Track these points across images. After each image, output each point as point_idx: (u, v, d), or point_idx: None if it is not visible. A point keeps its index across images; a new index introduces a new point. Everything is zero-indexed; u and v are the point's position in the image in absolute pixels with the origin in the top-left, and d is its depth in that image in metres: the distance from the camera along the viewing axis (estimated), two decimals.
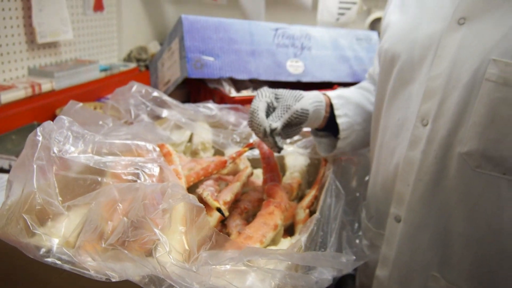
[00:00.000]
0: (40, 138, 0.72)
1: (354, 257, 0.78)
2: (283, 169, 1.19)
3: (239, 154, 1.10)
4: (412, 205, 0.87)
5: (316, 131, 1.13)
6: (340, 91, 1.12)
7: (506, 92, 0.73)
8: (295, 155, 1.22)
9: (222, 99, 1.43)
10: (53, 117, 1.60)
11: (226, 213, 0.86)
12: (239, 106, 1.25)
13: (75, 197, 0.71)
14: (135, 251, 0.61)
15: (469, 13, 0.79)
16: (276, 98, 0.98)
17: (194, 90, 1.63)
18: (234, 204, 0.97)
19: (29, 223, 0.65)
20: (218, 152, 1.22)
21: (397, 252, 0.92)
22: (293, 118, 0.95)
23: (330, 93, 1.09)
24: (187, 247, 0.56)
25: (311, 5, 2.14)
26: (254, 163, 1.18)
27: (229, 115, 1.24)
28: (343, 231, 0.99)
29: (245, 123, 1.24)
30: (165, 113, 1.10)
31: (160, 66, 1.63)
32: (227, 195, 0.94)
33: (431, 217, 0.86)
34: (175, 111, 1.13)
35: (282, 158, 1.22)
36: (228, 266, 0.56)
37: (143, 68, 2.27)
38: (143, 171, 0.77)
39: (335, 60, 1.65)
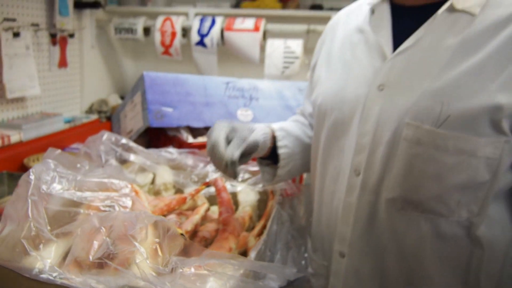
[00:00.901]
0: (32, 178, 0.87)
1: (296, 270, 0.96)
2: (236, 204, 1.35)
3: (197, 191, 1.26)
4: (353, 243, 0.98)
5: (261, 160, 1.20)
6: (281, 124, 1.20)
7: (419, 149, 0.86)
8: (246, 192, 1.39)
9: (181, 145, 1.60)
10: (21, 166, 1.74)
11: (187, 239, 1.01)
12: (196, 150, 1.42)
13: (62, 226, 0.86)
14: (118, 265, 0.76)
15: (387, 81, 0.91)
16: (233, 130, 1.02)
17: (154, 137, 1.79)
18: (194, 234, 1.13)
19: (26, 247, 0.80)
20: (179, 191, 1.38)
21: (343, 284, 1.02)
22: (248, 149, 1.02)
23: (274, 126, 1.17)
24: (160, 254, 0.72)
25: (258, 60, 2.35)
26: (210, 200, 1.34)
27: (188, 159, 1.41)
28: (289, 252, 1.16)
29: (201, 165, 1.41)
30: (132, 157, 1.26)
31: (123, 117, 1.79)
32: (188, 226, 1.10)
33: (370, 252, 0.97)
34: (140, 156, 1.29)
35: (235, 195, 1.38)
36: (193, 270, 0.72)
37: (104, 119, 2.40)
38: (118, 203, 0.92)
39: (280, 109, 1.85)
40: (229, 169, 0.98)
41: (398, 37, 0.93)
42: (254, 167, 1.43)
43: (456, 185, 0.86)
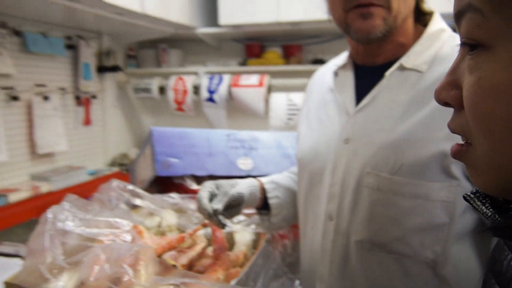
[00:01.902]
0: (50, 217, 1.08)
1: None
2: (233, 243, 1.53)
3: (195, 231, 1.44)
4: (331, 281, 1.05)
5: (260, 211, 1.28)
6: (272, 177, 1.29)
7: (379, 195, 0.93)
8: (242, 232, 1.57)
9: (186, 191, 1.79)
10: None
11: (171, 263, 1.19)
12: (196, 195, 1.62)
13: (73, 256, 1.06)
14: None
15: (351, 135, 1.00)
16: (217, 187, 1.17)
17: (163, 185, 2.00)
18: (190, 268, 1.31)
19: (43, 273, 1.00)
20: (182, 232, 1.57)
21: None
22: (231, 201, 1.13)
23: (263, 179, 1.26)
24: (143, 273, 0.91)
25: (263, 113, 2.56)
26: (211, 240, 1.52)
27: (190, 203, 1.61)
28: (275, 283, 1.33)
29: None
30: (138, 202, 1.47)
31: (137, 168, 2.01)
32: (184, 260, 1.28)
33: None
34: (146, 201, 1.50)
35: (231, 235, 1.56)
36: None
37: (125, 171, 2.63)
38: (119, 238, 1.12)
39: (279, 157, 2.04)
40: (213, 220, 1.12)
41: (361, 95, 1.02)
42: (249, 210, 1.61)
43: (416, 227, 0.92)
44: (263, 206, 1.25)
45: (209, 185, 1.18)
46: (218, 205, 1.12)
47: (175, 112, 2.72)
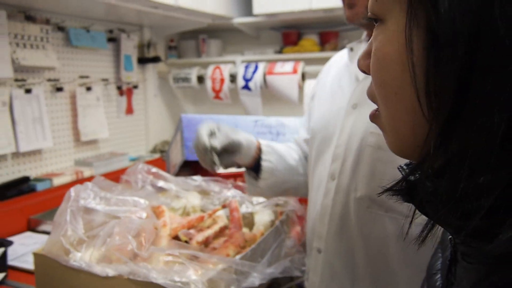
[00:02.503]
0: (73, 194, 1.20)
1: (278, 271, 1.20)
2: (252, 224, 1.61)
3: (214, 211, 1.53)
4: (328, 239, 1.11)
5: (249, 171, 1.31)
6: (271, 142, 1.34)
7: (381, 153, 1.00)
8: (261, 213, 1.64)
9: (213, 175, 1.89)
10: None
11: (184, 239, 1.28)
12: (219, 178, 1.71)
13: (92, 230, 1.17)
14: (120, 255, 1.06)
15: (359, 100, 1.08)
16: (218, 128, 1.16)
17: (193, 169, 2.10)
18: (206, 246, 1.40)
19: (64, 244, 1.11)
20: (204, 212, 1.66)
21: (320, 278, 1.15)
22: (229, 145, 1.15)
23: (262, 141, 1.30)
24: (144, 244, 1.01)
25: (297, 100, 2.61)
26: None
27: (213, 185, 1.70)
28: (285, 259, 1.39)
29: (225, 190, 1.69)
30: (161, 183, 1.57)
31: (170, 154, 2.13)
32: (199, 237, 1.37)
33: (342, 249, 1.09)
34: (170, 183, 1.60)
35: (251, 216, 1.64)
36: (170, 258, 0.99)
37: (166, 158, 2.77)
38: (135, 215, 1.22)
39: None
40: (207, 158, 1.12)
41: None
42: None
43: None
44: (254, 168, 1.28)
45: (210, 123, 1.17)
46: (217, 143, 1.12)
47: (213, 101, 2.82)
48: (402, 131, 0.44)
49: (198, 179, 1.66)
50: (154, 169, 1.58)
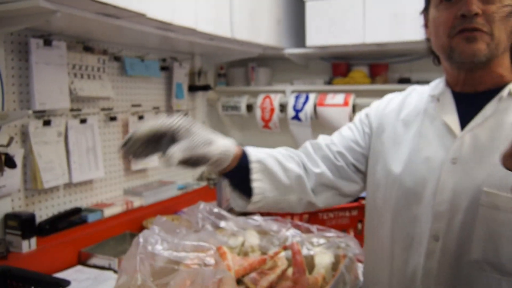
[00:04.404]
0: (141, 240, 1.16)
1: None
2: (312, 266, 1.55)
3: (276, 254, 1.48)
4: None
5: (237, 192, 1.21)
6: (262, 156, 1.18)
7: (497, 214, 0.96)
8: (321, 255, 1.59)
9: (272, 214, 1.84)
10: (140, 227, 2.09)
11: (252, 287, 1.24)
12: (279, 218, 1.66)
13: (161, 278, 1.13)
14: None
15: (459, 155, 1.04)
16: (189, 133, 0.99)
17: None
18: None
19: None
20: (264, 253, 1.61)
21: None
22: (194, 158, 1.01)
23: (252, 153, 1.16)
24: None
25: None
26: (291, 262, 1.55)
27: (272, 225, 1.65)
28: None
29: (283, 230, 1.64)
30: (223, 224, 1.53)
31: (224, 186, 2.09)
32: (264, 282, 1.32)
33: None
34: (230, 222, 1.56)
35: (312, 258, 1.58)
36: None
37: (212, 186, 2.73)
38: (204, 262, 1.18)
39: None
40: (128, 150, 1.00)
41: (463, 120, 1.08)
42: (329, 233, 1.63)
43: None
44: (235, 179, 1.18)
45: (180, 120, 1.00)
46: (179, 153, 0.96)
47: (262, 130, 2.79)
48: None
49: (258, 219, 1.62)
50: (215, 209, 1.54)
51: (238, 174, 1.15)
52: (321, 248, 1.60)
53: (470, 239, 1.00)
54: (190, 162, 1.02)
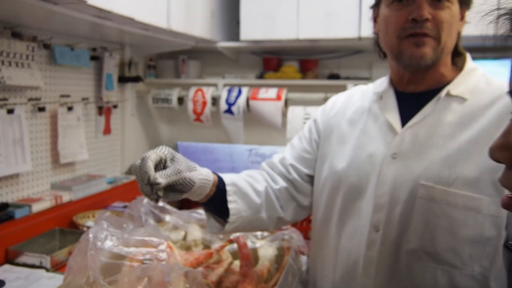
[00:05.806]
0: (91, 236, 1.11)
1: None
2: (256, 259, 1.56)
3: (222, 247, 1.48)
4: None
5: (207, 208, 1.22)
6: (231, 176, 1.23)
7: (433, 206, 1.02)
8: (265, 248, 1.60)
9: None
10: (70, 223, 1.99)
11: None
12: None
13: (112, 275, 1.09)
14: None
15: (399, 150, 1.10)
16: (172, 159, 1.04)
17: (186, 199, 2.03)
18: (218, 285, 1.34)
19: None
20: (207, 247, 1.60)
21: None
22: (178, 183, 1.02)
23: (224, 177, 1.19)
24: None
25: (281, 126, 2.59)
26: (234, 255, 1.54)
27: None
28: None
29: None
30: (167, 218, 1.50)
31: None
32: (213, 277, 1.32)
33: None
34: (174, 216, 1.53)
35: (255, 251, 1.59)
36: None
37: (155, 201, 2.65)
38: (156, 257, 1.15)
39: None
40: (147, 188, 0.99)
41: (404, 117, 1.14)
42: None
43: (466, 239, 1.00)
44: (212, 206, 1.20)
45: (165, 150, 1.05)
46: (163, 179, 0.98)
47: (193, 123, 2.75)
48: None
49: (202, 212, 1.60)
50: (160, 203, 1.51)
51: (216, 198, 1.17)
52: (265, 241, 1.62)
53: (408, 229, 1.05)
54: (177, 188, 1.04)
